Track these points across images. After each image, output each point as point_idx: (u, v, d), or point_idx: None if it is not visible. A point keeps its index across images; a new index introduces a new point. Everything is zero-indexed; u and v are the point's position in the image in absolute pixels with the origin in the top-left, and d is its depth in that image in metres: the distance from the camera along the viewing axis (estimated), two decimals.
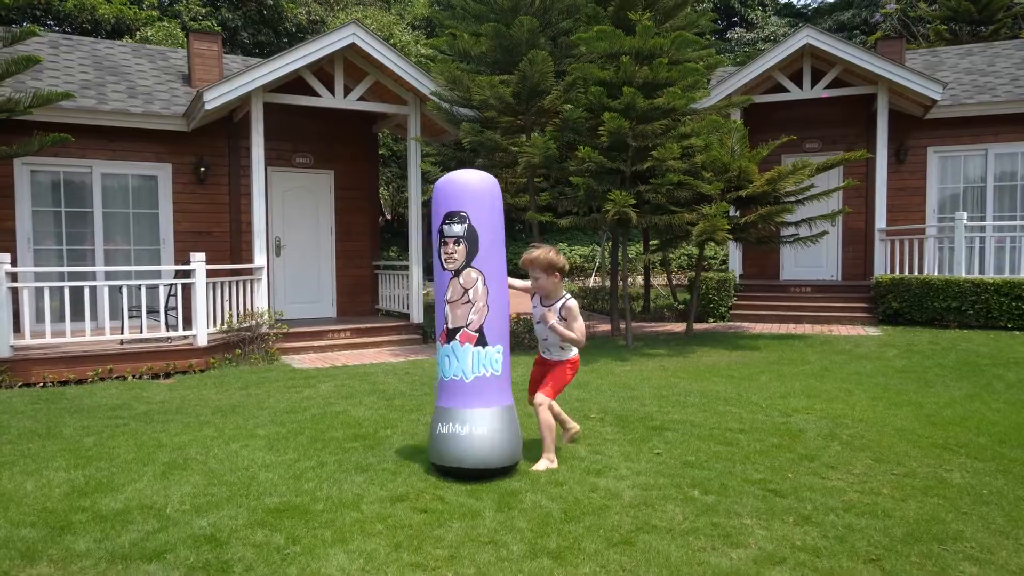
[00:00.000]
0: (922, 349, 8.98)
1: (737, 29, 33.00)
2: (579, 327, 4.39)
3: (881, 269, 12.12)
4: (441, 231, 4.19)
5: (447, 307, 4.22)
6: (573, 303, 4.41)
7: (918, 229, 12.23)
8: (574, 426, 4.95)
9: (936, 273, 11.33)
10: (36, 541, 3.40)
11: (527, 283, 4.55)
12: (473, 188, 4.18)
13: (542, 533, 3.47)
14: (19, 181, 10.07)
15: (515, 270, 25.46)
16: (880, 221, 12.21)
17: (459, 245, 4.15)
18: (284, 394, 6.93)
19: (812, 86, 12.71)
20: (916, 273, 11.39)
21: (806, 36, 12.11)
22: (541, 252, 4.34)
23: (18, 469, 4.53)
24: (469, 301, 4.15)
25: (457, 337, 4.18)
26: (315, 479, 4.23)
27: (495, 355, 4.18)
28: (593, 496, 3.96)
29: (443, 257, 4.19)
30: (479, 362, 4.16)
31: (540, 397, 4.46)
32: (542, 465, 4.39)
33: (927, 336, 9.98)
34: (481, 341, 4.16)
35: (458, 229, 4.15)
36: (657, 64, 8.61)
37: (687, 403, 6.24)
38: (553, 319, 4.35)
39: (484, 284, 4.15)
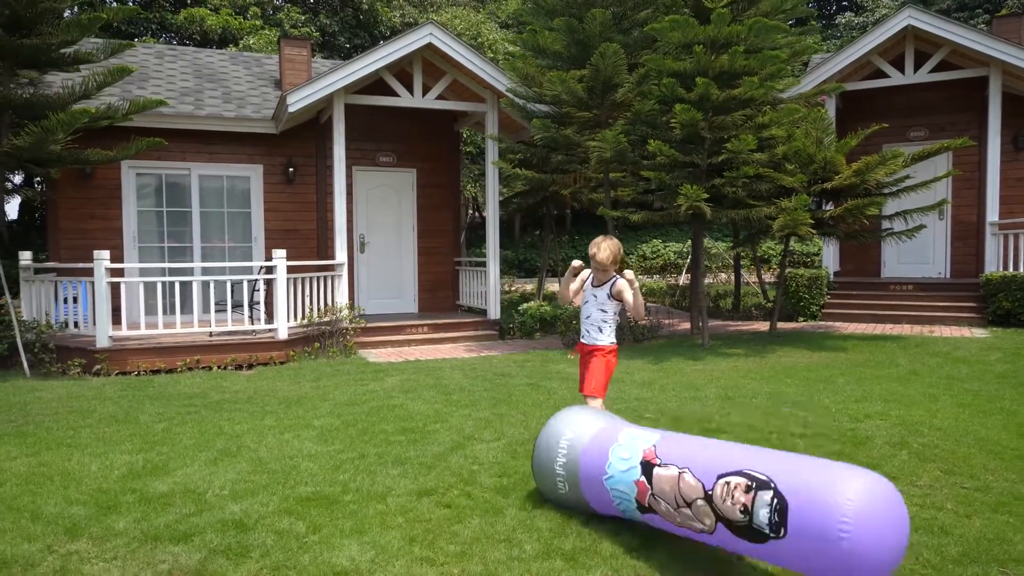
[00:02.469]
0: None
1: (846, 14, 31.30)
2: (636, 297, 4.22)
3: (993, 266, 11.18)
4: None
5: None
6: (622, 281, 4.25)
7: None
8: None
9: None
10: (82, 519, 3.62)
11: (583, 276, 4.43)
12: None
13: (561, 533, 3.40)
14: (126, 183, 10.79)
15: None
16: (992, 214, 11.26)
17: None
18: (350, 387, 7.11)
19: (916, 70, 11.87)
20: None
21: (907, 17, 11.32)
22: (602, 254, 4.22)
23: (89, 451, 4.84)
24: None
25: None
26: (352, 470, 4.31)
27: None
28: None
29: None
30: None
31: (593, 401, 4.29)
32: None
33: None
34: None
35: None
36: (733, 53, 8.26)
37: (751, 405, 5.96)
38: (623, 285, 4.21)
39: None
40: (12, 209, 27.30)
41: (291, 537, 3.37)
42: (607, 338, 4.32)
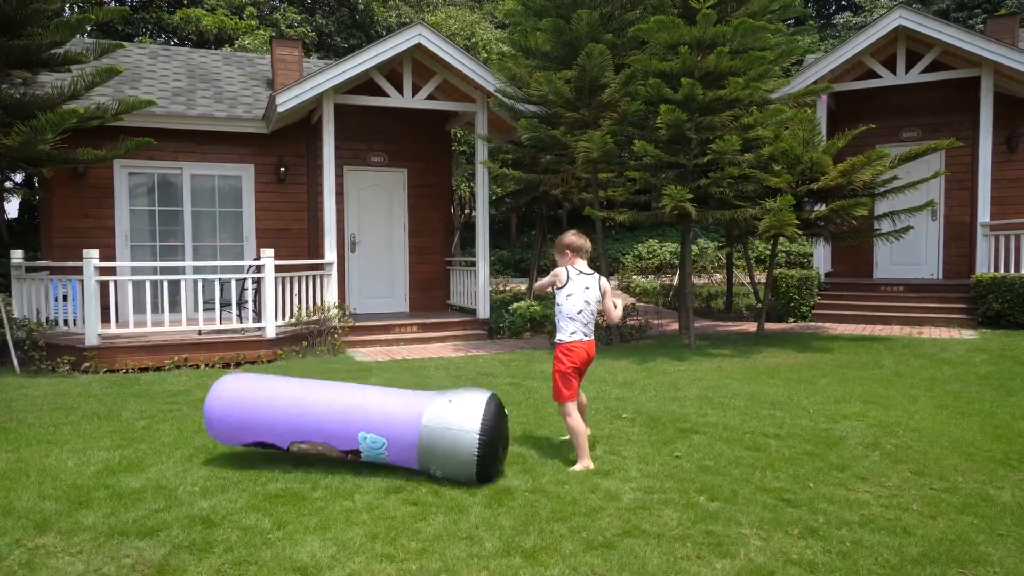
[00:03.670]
0: (1018, 355, 8.23)
1: (844, 13, 31.30)
2: (548, 280, 4.50)
3: (984, 267, 11.20)
4: None
5: None
6: (557, 269, 4.50)
7: None
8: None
9: None
10: (52, 514, 3.65)
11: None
12: None
13: (523, 531, 3.43)
14: (118, 182, 10.84)
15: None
16: (983, 215, 11.28)
17: None
18: None
19: (908, 71, 11.89)
20: (1022, 272, 10.45)
21: (899, 17, 11.34)
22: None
23: (68, 447, 4.88)
24: None
25: None
26: (323, 467, 4.34)
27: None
28: (591, 497, 3.87)
29: None
30: None
31: (559, 407, 4.43)
32: (578, 468, 4.34)
33: None
34: None
35: None
36: (719, 53, 8.28)
37: (730, 405, 5.99)
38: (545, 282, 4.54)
39: None
40: (12, 208, 27.39)
41: (256, 533, 3.40)
42: (556, 335, 4.53)
